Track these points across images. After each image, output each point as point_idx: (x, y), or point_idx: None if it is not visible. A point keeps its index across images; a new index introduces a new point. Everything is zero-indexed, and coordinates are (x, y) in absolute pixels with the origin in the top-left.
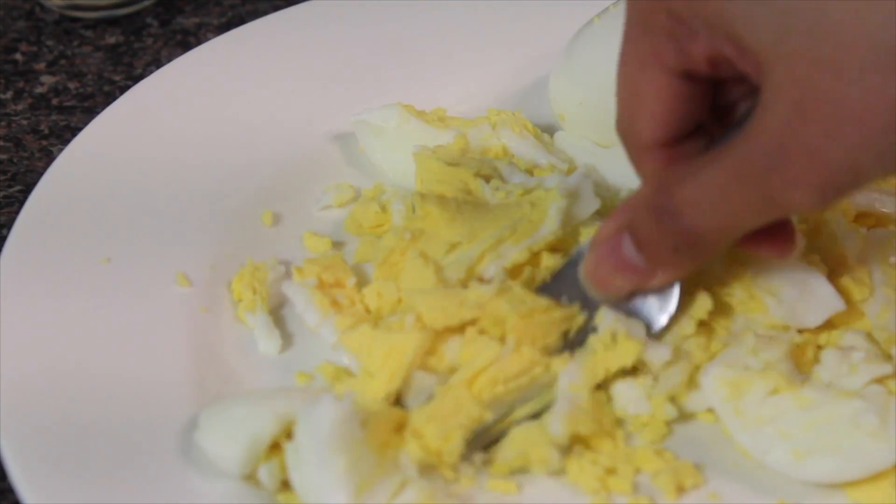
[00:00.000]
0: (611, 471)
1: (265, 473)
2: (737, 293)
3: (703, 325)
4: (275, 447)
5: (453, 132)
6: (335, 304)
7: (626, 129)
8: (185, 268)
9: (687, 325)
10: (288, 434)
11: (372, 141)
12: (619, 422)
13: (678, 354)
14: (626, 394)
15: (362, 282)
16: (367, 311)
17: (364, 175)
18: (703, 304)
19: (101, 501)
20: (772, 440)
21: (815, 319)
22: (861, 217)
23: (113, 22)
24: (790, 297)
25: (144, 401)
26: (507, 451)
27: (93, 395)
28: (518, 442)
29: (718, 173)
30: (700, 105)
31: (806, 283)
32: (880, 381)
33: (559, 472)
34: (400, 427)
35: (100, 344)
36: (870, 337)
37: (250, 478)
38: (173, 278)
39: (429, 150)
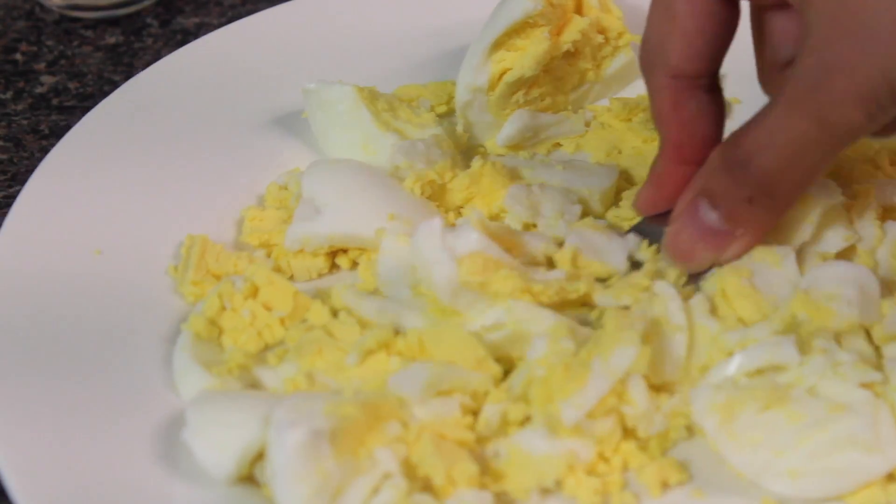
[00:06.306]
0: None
1: (259, 473)
2: (801, 314)
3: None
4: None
5: (394, 136)
6: (234, 314)
7: (654, 52)
8: (177, 260)
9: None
10: None
11: (316, 113)
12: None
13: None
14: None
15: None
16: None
17: None
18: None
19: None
20: (767, 462)
21: (876, 315)
22: (885, 211)
23: (113, 22)
24: (854, 296)
25: (129, 393)
26: (507, 479)
27: (79, 384)
28: (516, 469)
29: (778, 109)
30: (728, 33)
31: (862, 282)
32: (867, 385)
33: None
34: (378, 420)
35: (90, 333)
36: (867, 334)
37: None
38: (164, 269)
39: None
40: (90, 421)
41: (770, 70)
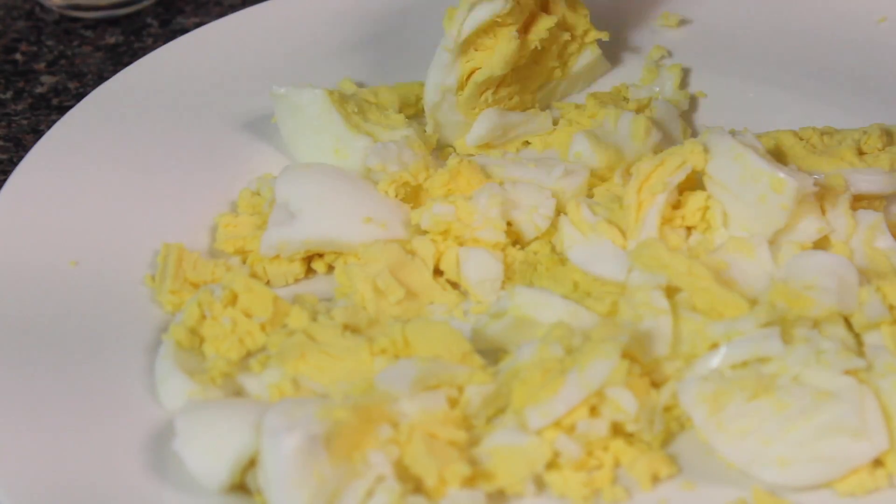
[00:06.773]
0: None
1: (252, 481)
2: (779, 303)
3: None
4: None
5: (365, 139)
6: (214, 323)
7: None
8: (153, 270)
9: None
10: None
11: (286, 117)
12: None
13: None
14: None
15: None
16: (241, 346)
17: None
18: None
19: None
20: (756, 451)
21: (853, 304)
22: (856, 200)
23: (113, 22)
24: (831, 285)
25: (114, 405)
26: (488, 477)
27: (62, 398)
28: (504, 464)
29: None
30: None
31: (840, 272)
32: (851, 372)
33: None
34: (369, 422)
35: (70, 347)
36: (846, 322)
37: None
38: (141, 279)
39: None
40: (76, 434)
41: None
